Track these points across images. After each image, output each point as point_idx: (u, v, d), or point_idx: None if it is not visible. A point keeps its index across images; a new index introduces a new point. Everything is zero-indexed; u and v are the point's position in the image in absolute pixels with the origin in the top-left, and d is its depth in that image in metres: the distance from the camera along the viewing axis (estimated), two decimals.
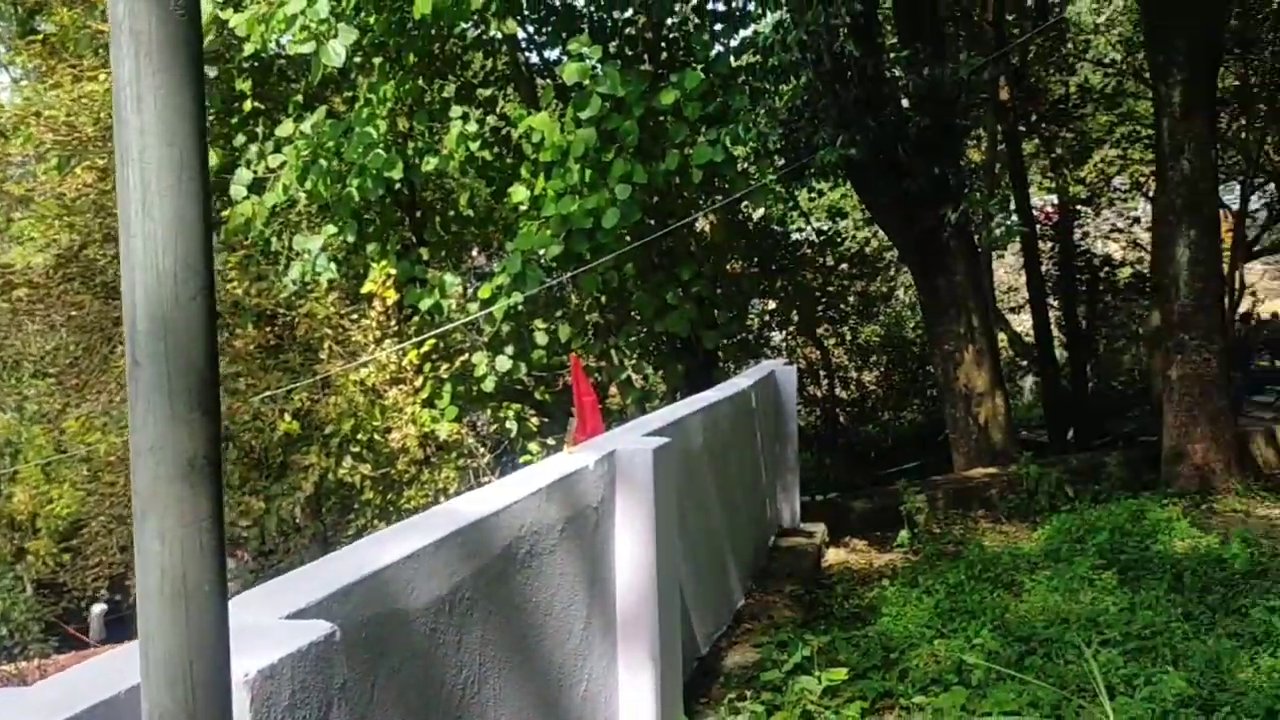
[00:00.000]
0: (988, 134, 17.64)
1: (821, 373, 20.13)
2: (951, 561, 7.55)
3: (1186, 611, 5.98)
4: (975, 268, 11.49)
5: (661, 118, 10.13)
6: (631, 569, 4.31)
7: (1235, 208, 17.17)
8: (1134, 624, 5.67)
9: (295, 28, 9.54)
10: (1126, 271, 19.51)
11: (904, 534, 8.53)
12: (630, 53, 11.66)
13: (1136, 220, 19.34)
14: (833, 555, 8.53)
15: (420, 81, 11.33)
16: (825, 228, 19.02)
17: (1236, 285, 17.61)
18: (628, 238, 10.16)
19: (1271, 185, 18.37)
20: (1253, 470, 11.72)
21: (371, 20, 10.37)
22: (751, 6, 10.51)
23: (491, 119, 11.98)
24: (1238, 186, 17.44)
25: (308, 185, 10.62)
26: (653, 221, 10.95)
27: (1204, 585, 6.56)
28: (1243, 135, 16.50)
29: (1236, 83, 16.15)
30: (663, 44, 12.00)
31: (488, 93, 12.88)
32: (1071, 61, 18.44)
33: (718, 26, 11.81)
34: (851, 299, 19.80)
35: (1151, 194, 13.62)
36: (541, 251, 10.01)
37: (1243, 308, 22.45)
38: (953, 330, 11.19)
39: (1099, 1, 19.22)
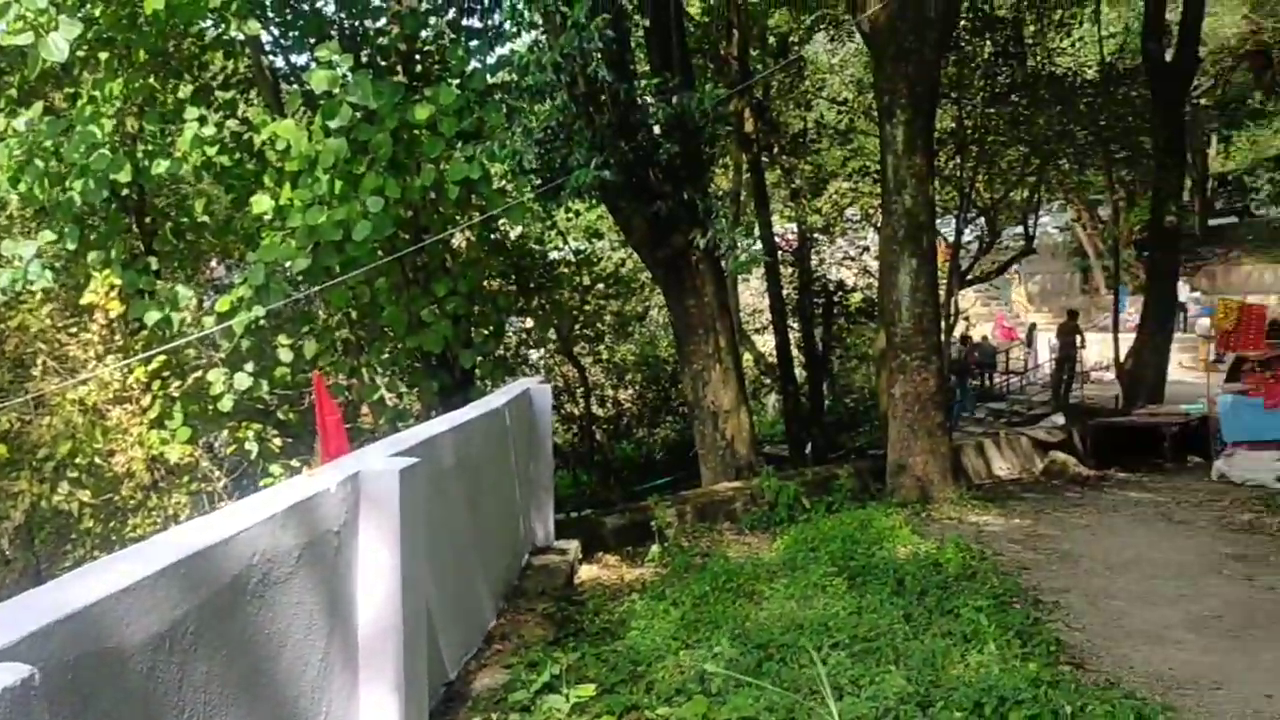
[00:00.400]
0: (733, 163, 18.47)
1: (579, 390, 20.34)
2: (698, 574, 7.80)
3: (907, 613, 6.43)
4: (723, 290, 11.98)
5: (416, 131, 9.94)
6: (375, 595, 4.17)
7: (951, 239, 18.81)
8: (861, 627, 6.05)
9: (10, 16, 8.68)
10: (858, 296, 20.93)
11: (654, 548, 8.74)
12: (383, 63, 11.38)
13: (866, 249, 20.81)
14: (585, 572, 8.61)
15: (152, 80, 10.59)
16: (582, 247, 19.29)
17: (952, 310, 19.27)
18: (380, 252, 9.89)
19: (982, 219, 20.29)
20: (965, 480, 12.86)
21: (98, 13, 9.60)
22: (507, 26, 10.51)
23: (232, 123, 11.33)
24: (953, 220, 19.12)
25: (21, 187, 9.68)
26: (407, 236, 10.72)
27: (922, 588, 7.08)
28: (958, 173, 18.12)
29: (952, 125, 17.76)
30: (417, 56, 11.80)
31: (228, 95, 12.17)
32: (809, 98, 19.65)
33: (473, 43, 11.73)
34: (608, 318, 20.16)
35: (879, 225, 14.71)
36: (287, 264, 9.57)
37: (958, 331, 24.70)
38: (702, 350, 11.61)
39: (834, 43, 20.59)
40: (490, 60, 11.66)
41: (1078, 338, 21.11)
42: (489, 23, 12.29)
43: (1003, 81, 16.84)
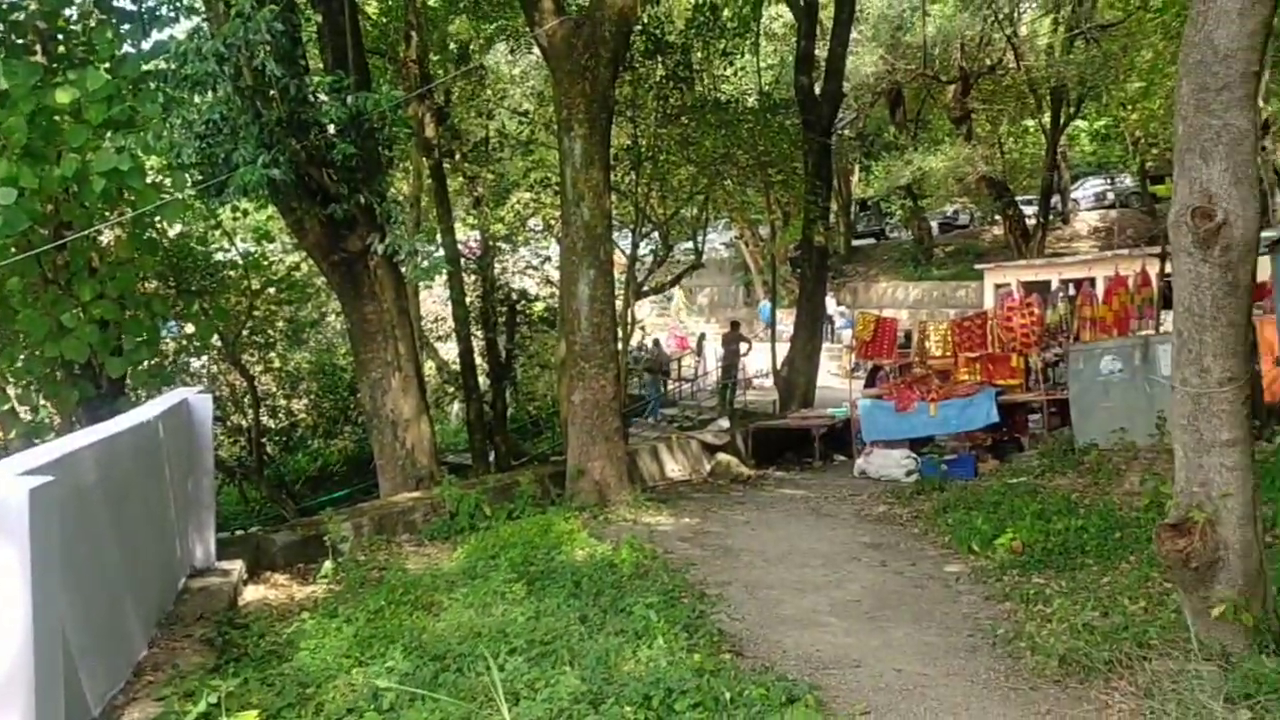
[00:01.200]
0: (415, 168, 18.20)
1: (246, 401, 19.16)
2: (374, 588, 7.58)
3: (583, 615, 6.61)
4: (402, 296, 11.74)
5: (57, 118, 8.96)
6: (2, 629, 3.71)
7: (628, 252, 19.53)
8: (538, 631, 6.14)
9: None
10: (541, 305, 21.26)
11: (327, 564, 8.40)
12: (19, 41, 10.17)
13: (548, 259, 21.18)
14: (252, 593, 8.12)
15: None
16: (252, 249, 18.22)
17: (630, 320, 20.02)
18: (13, 249, 8.83)
19: (657, 234, 21.23)
20: (641, 483, 13.40)
21: None
22: (164, 10, 9.73)
23: None
24: (630, 233, 19.86)
25: None
26: (45, 232, 9.62)
27: (598, 589, 7.30)
28: (634, 189, 18.85)
29: (629, 142, 18.46)
30: (60, 36, 10.64)
31: None
32: (492, 107, 19.73)
33: (126, 26, 10.75)
34: (280, 324, 19.18)
35: (560, 235, 15.01)
36: None
37: (635, 340, 25.72)
38: (380, 357, 11.32)
39: (514, 55, 20.80)
40: (146, 45, 10.73)
41: (742, 346, 22.59)
42: (143, 6, 11.31)
43: (674, 103, 17.74)
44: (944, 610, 7.28)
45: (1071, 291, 14.04)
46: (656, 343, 25.13)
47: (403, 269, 10.81)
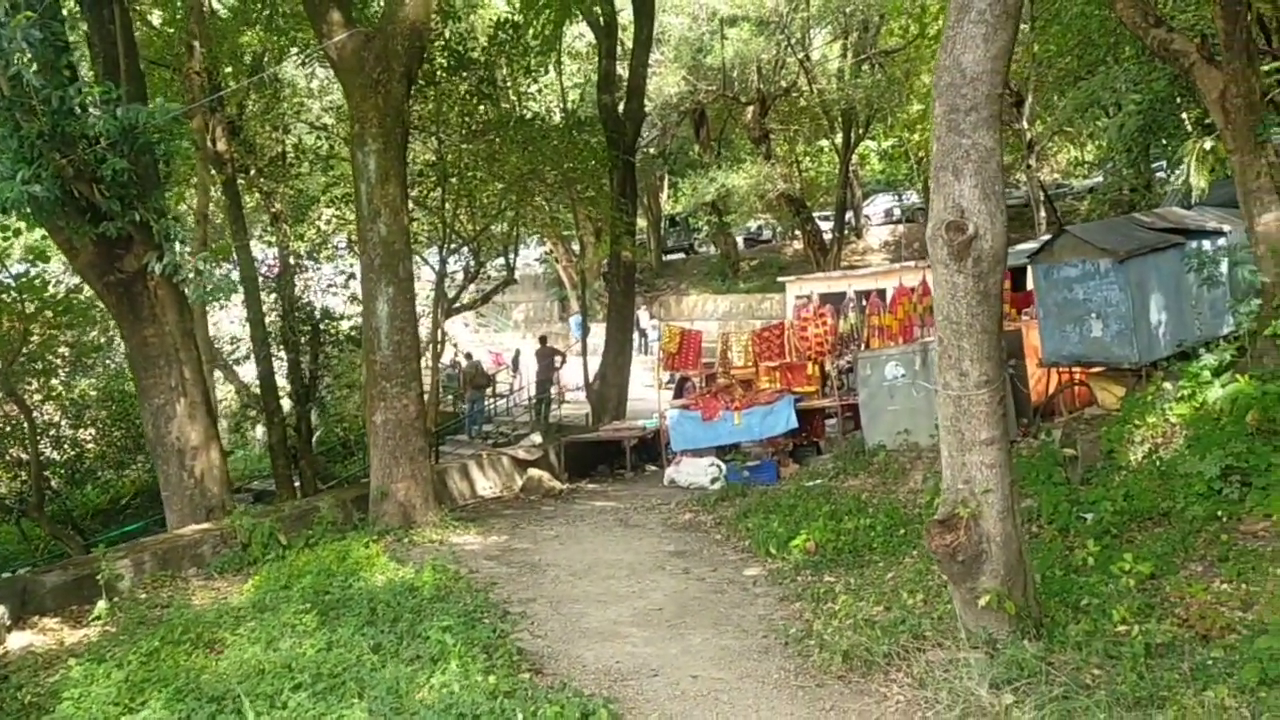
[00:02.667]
0: (201, 184, 17.39)
1: (24, 432, 17.73)
2: (153, 628, 7.14)
3: (377, 643, 6.42)
4: (186, 318, 11.16)
5: None
6: None
7: (438, 269, 19.23)
8: (328, 663, 5.92)
9: None
10: (347, 324, 20.60)
11: (101, 605, 7.86)
12: None
13: (353, 276, 20.55)
14: (16, 640, 7.52)
15: None
16: (25, 270, 16.92)
17: (440, 336, 19.69)
18: None
19: (467, 250, 20.95)
20: (450, 502, 13.19)
21: None
22: None
23: None
24: (438, 250, 19.55)
25: None
26: None
27: (395, 615, 7.12)
28: (441, 205, 18.57)
29: (434, 158, 18.21)
30: None
31: None
32: (288, 122, 19.06)
33: None
34: (62, 350, 17.89)
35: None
36: None
37: (447, 357, 25.33)
38: (163, 382, 10.72)
39: (304, 67, 20.14)
40: None
41: (556, 359, 22.62)
42: None
43: (479, 120, 17.61)
44: (741, 614, 7.48)
45: (863, 302, 14.72)
46: (470, 357, 24.85)
47: (185, 289, 10.26)
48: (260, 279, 17.84)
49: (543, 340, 23.58)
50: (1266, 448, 7.39)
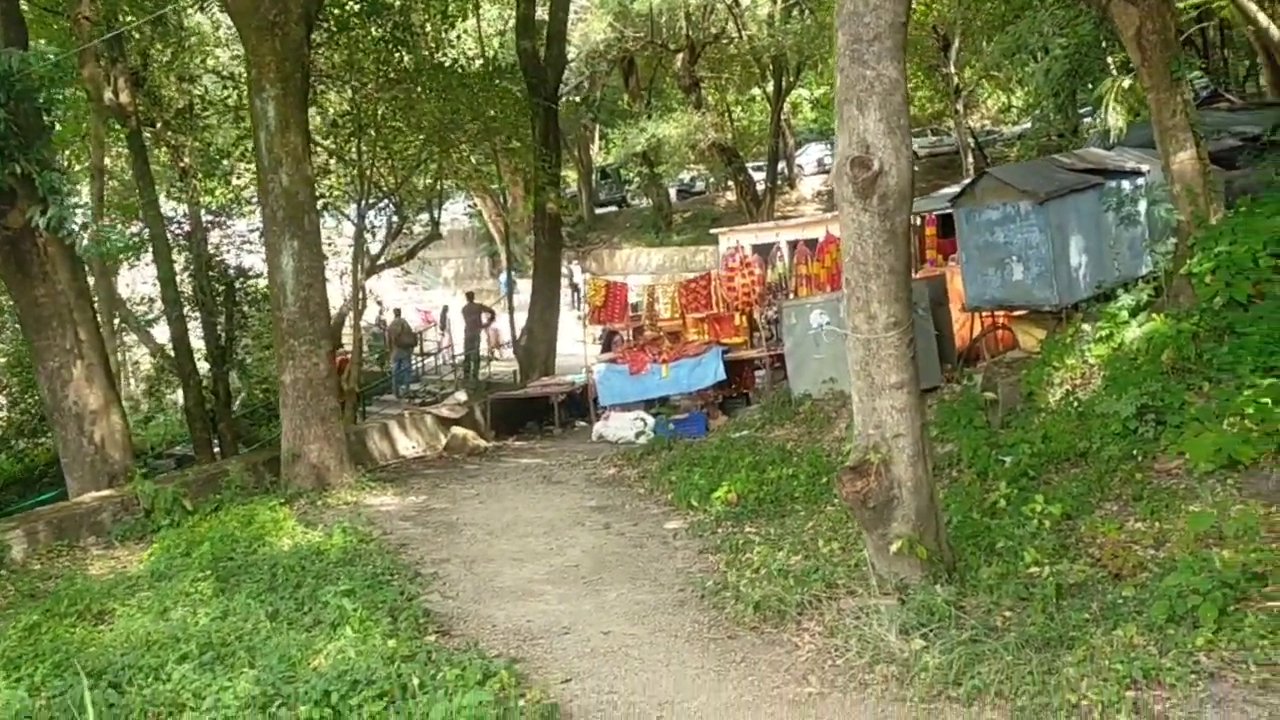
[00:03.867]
0: (95, 136, 16.62)
1: None
2: (39, 601, 6.78)
3: (274, 610, 6.14)
4: (80, 277, 10.61)
5: None
6: None
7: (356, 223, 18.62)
8: (220, 632, 5.63)
9: None
10: (263, 282, 19.95)
11: None
12: None
13: None
14: None
15: None
16: None
17: (363, 295, 19.13)
18: None
19: (389, 204, 20.33)
20: (370, 463, 12.85)
21: None
22: None
23: None
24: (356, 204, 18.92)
25: None
26: None
27: (298, 581, 6.83)
28: (359, 157, 17.95)
29: (349, 108, 17.57)
30: None
31: None
32: (195, 71, 18.26)
33: None
34: None
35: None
36: None
37: (372, 315, 24.77)
38: (57, 344, 10.21)
39: (205, 13, 19.25)
40: None
41: (483, 316, 22.20)
42: None
43: (395, 67, 17.00)
44: (659, 568, 7.32)
45: (793, 251, 14.55)
46: (397, 314, 24.29)
47: (75, 246, 9.72)
48: (171, 236, 17.14)
49: (469, 297, 23.15)
50: (1180, 386, 7.39)
